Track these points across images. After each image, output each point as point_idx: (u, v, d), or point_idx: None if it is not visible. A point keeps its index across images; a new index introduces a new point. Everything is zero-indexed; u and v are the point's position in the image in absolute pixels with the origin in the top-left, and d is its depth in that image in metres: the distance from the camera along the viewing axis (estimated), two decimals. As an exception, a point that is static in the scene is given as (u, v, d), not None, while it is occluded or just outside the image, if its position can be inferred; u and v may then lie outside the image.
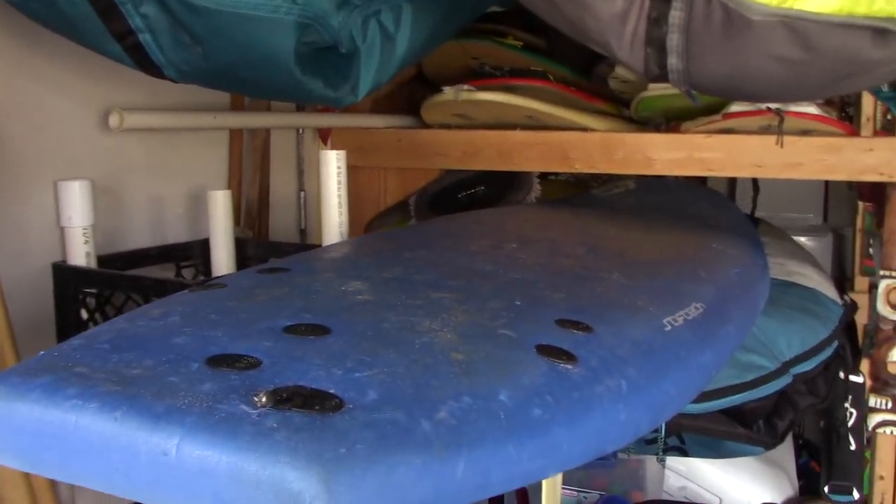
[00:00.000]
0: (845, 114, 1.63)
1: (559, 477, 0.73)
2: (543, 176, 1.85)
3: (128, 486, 0.39)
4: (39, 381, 0.41)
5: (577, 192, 1.87)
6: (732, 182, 3.19)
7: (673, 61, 0.72)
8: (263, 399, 0.40)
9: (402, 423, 0.42)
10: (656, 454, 1.17)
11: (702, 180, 2.81)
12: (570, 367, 0.56)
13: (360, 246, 0.93)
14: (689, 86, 0.77)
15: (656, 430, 1.13)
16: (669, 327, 0.73)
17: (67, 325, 1.08)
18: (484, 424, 0.45)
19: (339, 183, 1.12)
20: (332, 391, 0.44)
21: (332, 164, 1.11)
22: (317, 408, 0.41)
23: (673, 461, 1.56)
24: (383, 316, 0.58)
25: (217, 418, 0.39)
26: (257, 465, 0.37)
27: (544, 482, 0.70)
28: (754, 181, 3.18)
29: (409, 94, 1.74)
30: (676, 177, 2.07)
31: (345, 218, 1.13)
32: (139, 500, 0.39)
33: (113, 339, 0.49)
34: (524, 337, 0.59)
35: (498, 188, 1.71)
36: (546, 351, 0.57)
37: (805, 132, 1.39)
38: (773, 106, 1.32)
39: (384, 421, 0.42)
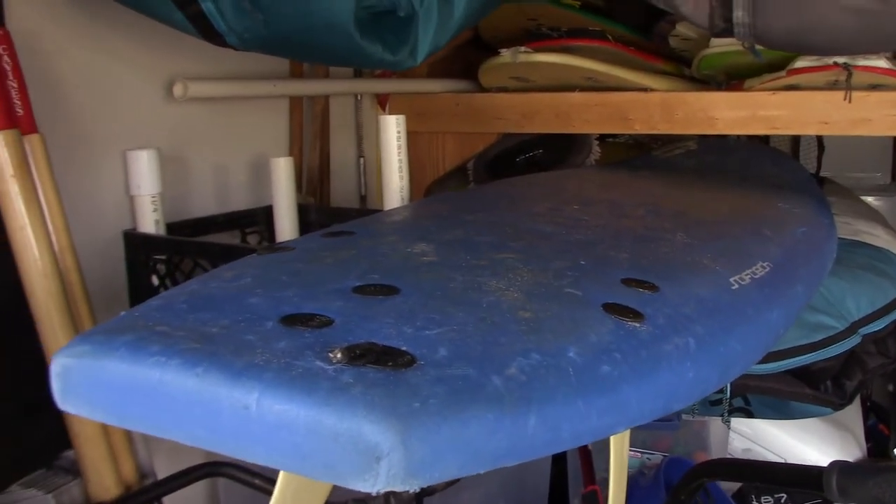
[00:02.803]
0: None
1: (627, 434, 0.73)
2: (602, 138, 1.83)
3: (210, 438, 0.40)
4: (123, 339, 0.43)
5: (637, 154, 1.85)
6: (796, 142, 3.12)
7: (739, 14, 0.70)
8: (339, 355, 0.41)
9: (473, 379, 0.43)
10: (721, 415, 1.16)
11: (764, 140, 2.76)
12: (637, 325, 0.56)
13: (421, 209, 0.93)
14: (755, 40, 0.76)
15: (721, 391, 1.13)
16: (736, 286, 0.72)
17: (140, 291, 1.12)
18: (553, 381, 0.46)
19: (399, 147, 1.13)
20: (403, 348, 0.44)
21: (392, 128, 1.12)
22: (389, 364, 0.42)
23: (738, 423, 1.55)
24: (449, 276, 0.59)
25: (294, 374, 0.40)
26: (335, 419, 0.38)
27: (612, 439, 0.70)
28: (819, 140, 3.10)
29: (465, 58, 1.73)
30: (738, 137, 2.03)
31: (406, 182, 1.14)
32: (222, 452, 0.40)
33: (189, 300, 0.50)
34: (590, 295, 0.59)
35: (556, 151, 1.70)
36: (613, 309, 0.57)
37: (874, 87, 1.35)
38: (840, 60, 1.28)
39: (456, 376, 0.42)
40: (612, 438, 0.70)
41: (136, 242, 1.12)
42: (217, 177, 1.31)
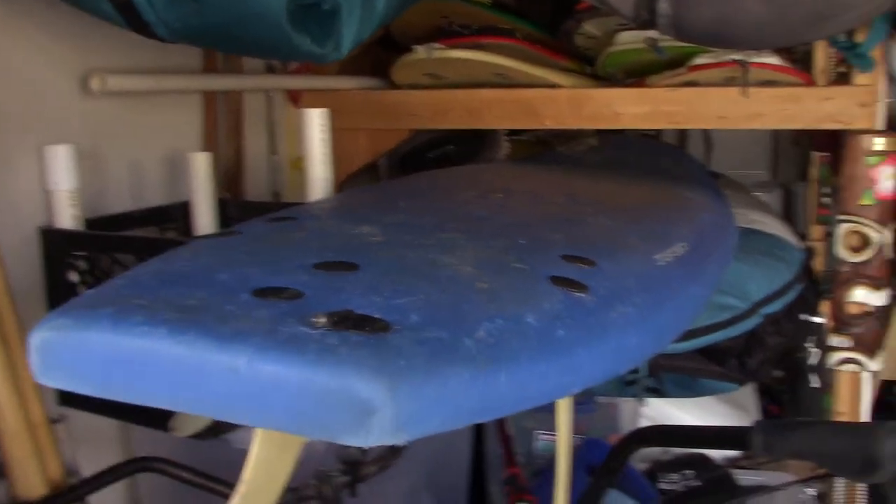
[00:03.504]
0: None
1: (571, 400, 0.77)
2: (509, 135, 1.88)
3: (199, 402, 0.41)
4: (105, 311, 0.43)
5: (542, 150, 1.90)
6: (683, 140, 3.26)
7: (663, 6, 0.74)
8: (323, 320, 0.43)
9: (447, 341, 0.45)
10: (635, 395, 1.21)
11: (657, 136, 2.86)
12: (583, 295, 0.59)
13: (351, 198, 0.95)
14: (677, 32, 0.80)
15: (636, 371, 1.18)
16: (662, 263, 0.76)
17: (57, 288, 1.09)
18: (518, 343, 0.48)
19: (323, 141, 1.14)
20: (377, 315, 0.46)
21: (316, 122, 1.13)
22: (368, 329, 0.44)
23: (644, 406, 1.62)
24: (402, 253, 0.61)
25: (282, 338, 0.41)
26: (327, 378, 0.39)
27: (559, 404, 0.73)
28: (707, 138, 3.25)
29: (374, 57, 1.75)
30: (635, 133, 2.11)
31: (329, 174, 1.15)
32: (210, 416, 0.41)
33: (157, 277, 0.51)
34: (536, 269, 0.62)
35: (468, 147, 1.73)
36: (559, 281, 0.60)
37: (767, 83, 1.43)
38: (737, 57, 1.36)
39: (432, 339, 0.44)
40: (559, 406, 0.73)
41: (53, 239, 1.09)
42: (133, 173, 1.29)
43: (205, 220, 1.24)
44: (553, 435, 1.46)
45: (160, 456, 1.02)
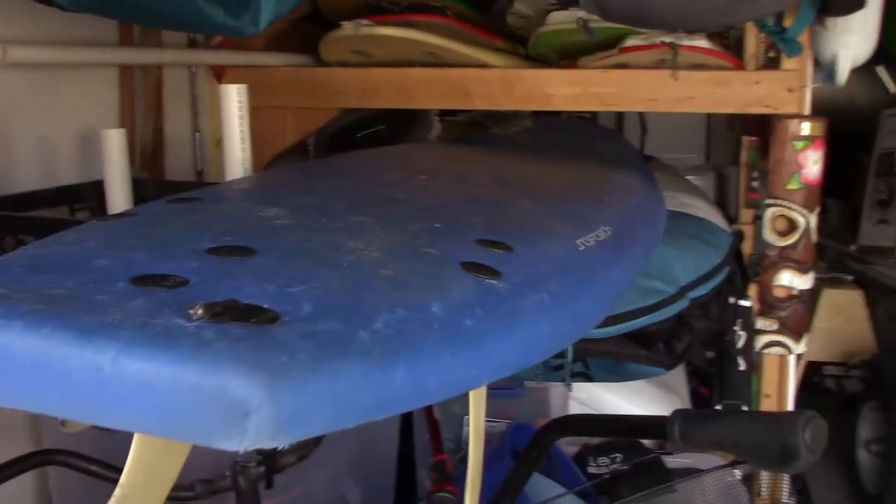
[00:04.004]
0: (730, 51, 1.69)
1: (484, 389, 0.74)
2: (442, 116, 1.85)
3: (62, 404, 0.37)
4: (-45, 303, 0.39)
5: (475, 131, 1.88)
6: (620, 123, 3.27)
7: (585, -17, 0.72)
8: (200, 311, 0.39)
9: (340, 333, 0.42)
10: (563, 380, 1.20)
11: (593, 118, 2.86)
12: (495, 282, 0.57)
13: (268, 178, 0.91)
14: (600, 10, 0.78)
15: (562, 356, 1.16)
16: (583, 247, 0.74)
17: (-44, 272, 1.03)
18: (419, 334, 0.46)
19: (241, 118, 1.09)
20: (266, 305, 0.43)
21: (234, 98, 1.08)
22: (253, 320, 0.41)
23: (574, 389, 1.61)
24: (307, 237, 0.58)
25: (153, 331, 0.38)
26: (199, 375, 0.36)
27: (471, 393, 0.71)
28: (642, 122, 3.26)
29: (302, 33, 1.70)
30: (570, 115, 2.10)
31: (248, 154, 1.10)
32: (74, 418, 0.38)
33: (28, 263, 0.47)
34: (448, 255, 0.59)
35: (398, 127, 1.70)
36: (471, 267, 0.57)
37: (697, 66, 1.43)
38: (667, 39, 1.35)
39: (323, 331, 0.41)
40: (472, 397, 0.70)
41: (-51, 218, 1.03)
42: (42, 150, 1.23)
43: (119, 199, 1.19)
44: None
45: (70, 449, 0.97)
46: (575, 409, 1.67)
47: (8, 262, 0.48)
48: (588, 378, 1.28)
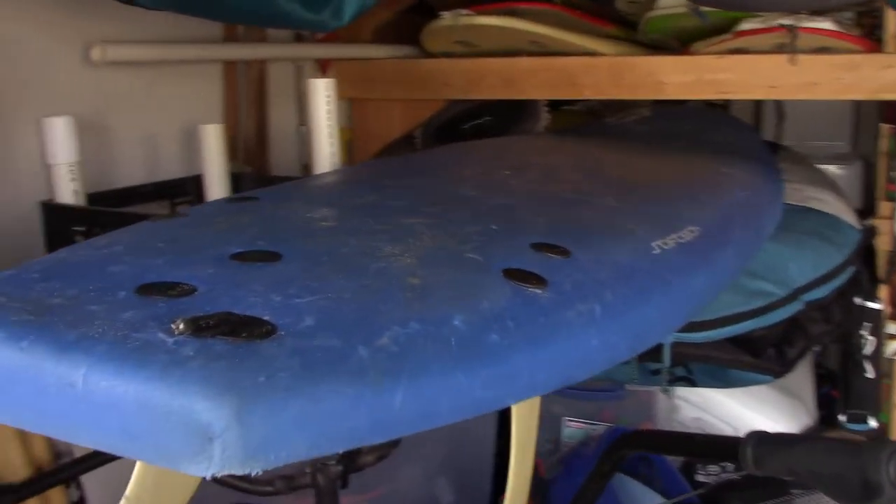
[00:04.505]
0: (874, 36, 1.56)
1: (533, 404, 0.70)
2: (557, 106, 1.80)
3: (36, 419, 0.37)
4: (-51, 311, 0.39)
5: (589, 121, 1.82)
6: (757, 111, 3.11)
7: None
8: (181, 326, 0.38)
9: (335, 351, 0.39)
10: (660, 385, 1.14)
11: (725, 107, 2.73)
12: (538, 291, 0.53)
13: (343, 175, 0.90)
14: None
15: (660, 361, 1.10)
16: (658, 250, 0.69)
17: (57, 264, 1.07)
18: (430, 351, 0.42)
19: (329, 112, 1.09)
20: (266, 318, 0.41)
21: (322, 92, 1.08)
22: (244, 335, 0.39)
23: (688, 392, 1.54)
24: (343, 241, 0.55)
25: (130, 347, 0.36)
26: (167, 395, 0.34)
27: (514, 409, 0.67)
28: (779, 108, 3.09)
29: (411, 24, 1.68)
30: (696, 104, 2.00)
31: (336, 148, 1.10)
32: (49, 434, 0.37)
33: (46, 269, 0.47)
34: (492, 261, 0.55)
35: (504, 118, 1.66)
36: (514, 275, 0.54)
37: (821, 49, 1.32)
38: (786, 22, 1.25)
39: (315, 348, 0.39)
40: (514, 410, 0.67)
41: (54, 213, 1.07)
42: (146, 145, 1.26)
43: (216, 194, 1.21)
44: (581, 422, 1.40)
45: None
46: (686, 411, 1.59)
47: (32, 266, 0.48)
48: (691, 383, 1.21)
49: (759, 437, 0.62)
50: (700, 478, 1.39)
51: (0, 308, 0.40)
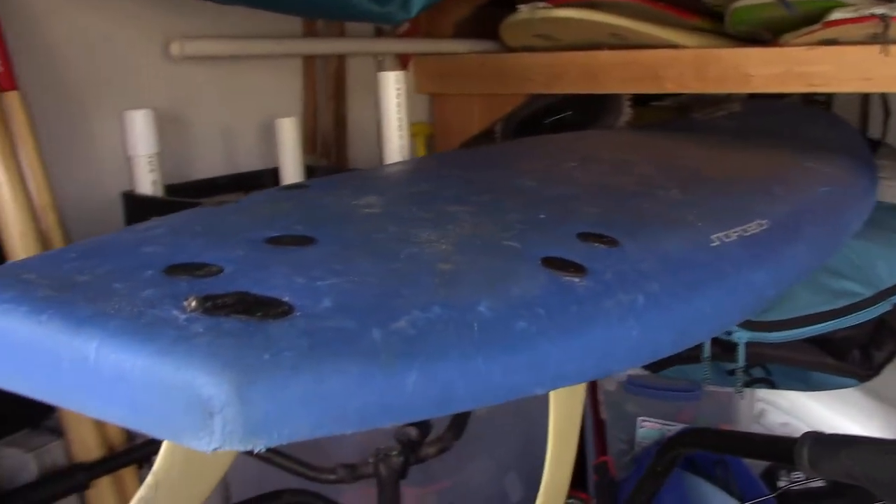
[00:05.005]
0: None
1: (576, 393, 0.68)
2: (644, 102, 1.76)
3: (52, 391, 0.38)
4: (-18, 286, 0.41)
5: (675, 117, 1.77)
6: (864, 106, 2.97)
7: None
8: (193, 304, 0.38)
9: (347, 332, 0.39)
10: (734, 385, 1.10)
11: (826, 104, 2.62)
12: (576, 279, 0.51)
13: (403, 166, 0.90)
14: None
15: (735, 360, 1.07)
16: (717, 243, 0.67)
17: (136, 253, 1.10)
18: (450, 335, 0.42)
19: (399, 105, 1.09)
20: (285, 298, 0.41)
21: (392, 85, 1.08)
22: (258, 314, 0.39)
23: (775, 396, 1.49)
24: (381, 227, 0.55)
25: (141, 322, 0.37)
26: (170, 370, 0.35)
27: (552, 397, 0.65)
28: (885, 104, 2.94)
29: (491, 17, 1.68)
30: (792, 100, 1.93)
31: (405, 141, 1.10)
32: (65, 407, 0.38)
33: (86, 249, 0.48)
34: (531, 249, 0.54)
35: (586, 113, 1.64)
36: (552, 263, 0.53)
37: (921, 39, 1.25)
38: (878, 11, 1.19)
39: (326, 328, 0.39)
40: (552, 398, 0.65)
41: (134, 204, 1.11)
42: (225, 138, 1.29)
43: (292, 186, 1.23)
44: (656, 422, 1.37)
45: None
46: (773, 416, 1.54)
47: (75, 246, 0.49)
48: (770, 385, 1.17)
49: (816, 438, 0.59)
50: (782, 484, 1.34)
51: (28, 284, 0.41)
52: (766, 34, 1.52)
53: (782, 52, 1.38)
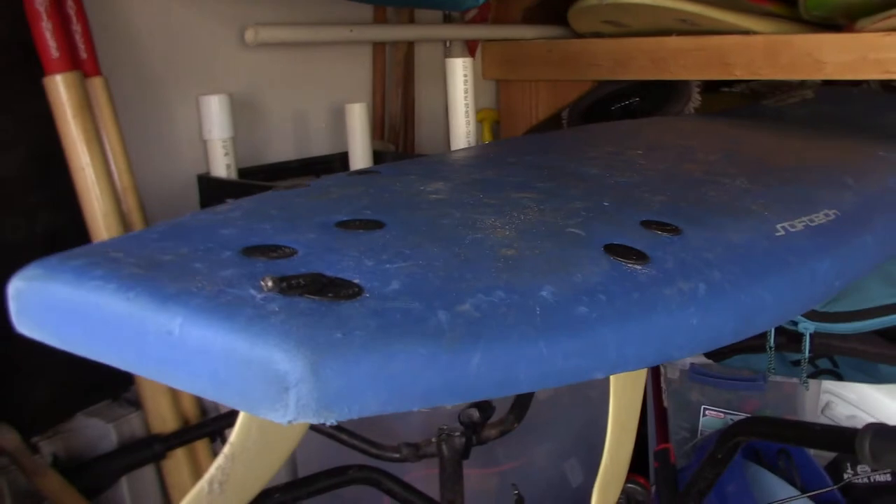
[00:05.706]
0: None
1: (637, 379, 0.69)
2: (714, 89, 1.74)
3: (139, 362, 0.40)
4: (73, 263, 0.43)
5: (745, 103, 1.75)
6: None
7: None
8: (269, 284, 0.40)
9: (414, 313, 0.41)
10: (799, 376, 1.09)
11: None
12: (638, 267, 0.52)
13: (471, 152, 0.91)
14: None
15: (800, 351, 1.06)
16: (783, 232, 0.67)
17: (210, 234, 1.14)
18: (512, 319, 0.43)
19: (466, 91, 1.10)
20: (355, 280, 0.43)
21: (459, 71, 1.10)
22: (330, 295, 0.41)
23: (843, 388, 1.47)
24: (447, 213, 0.57)
25: (221, 301, 0.39)
26: (249, 346, 0.37)
27: (612, 382, 0.66)
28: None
29: (560, 3, 1.67)
30: (870, 86, 1.89)
31: (472, 128, 1.11)
32: (148, 377, 0.40)
33: (167, 230, 0.50)
34: (594, 236, 0.55)
35: (654, 100, 1.63)
36: (615, 250, 0.54)
37: None
38: (959, -5, 1.16)
39: (395, 310, 0.41)
40: (612, 382, 0.66)
41: (209, 186, 1.15)
42: (296, 122, 1.32)
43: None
44: (720, 411, 1.36)
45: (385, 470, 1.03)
46: (840, 408, 1.52)
47: (156, 227, 0.52)
48: (837, 376, 1.15)
49: (878, 429, 0.59)
50: (846, 476, 1.33)
51: (116, 263, 0.43)
52: (841, 19, 1.49)
53: (857, 38, 1.35)
